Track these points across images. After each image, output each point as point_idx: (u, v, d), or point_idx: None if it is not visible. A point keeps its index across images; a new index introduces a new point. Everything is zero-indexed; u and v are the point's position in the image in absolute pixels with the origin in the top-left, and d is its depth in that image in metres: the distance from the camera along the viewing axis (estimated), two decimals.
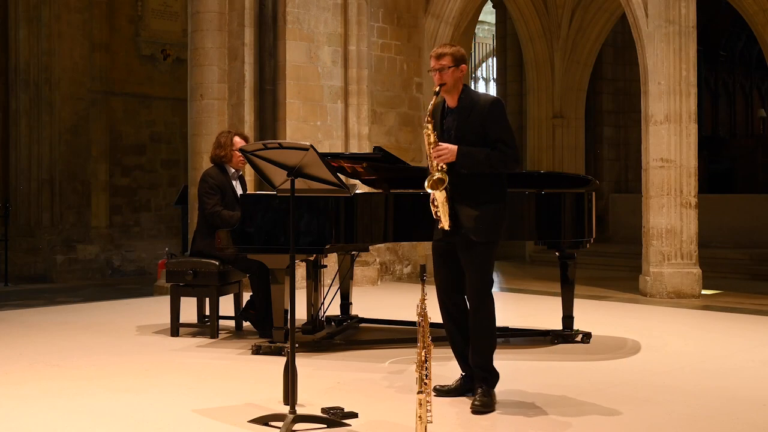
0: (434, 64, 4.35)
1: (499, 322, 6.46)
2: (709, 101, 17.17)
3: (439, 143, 4.24)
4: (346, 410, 3.96)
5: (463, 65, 4.37)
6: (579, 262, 6.29)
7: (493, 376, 4.33)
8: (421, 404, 3.52)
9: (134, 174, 14.35)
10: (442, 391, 4.39)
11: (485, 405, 4.16)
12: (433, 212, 4.30)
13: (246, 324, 6.42)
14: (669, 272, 8.42)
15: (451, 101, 4.38)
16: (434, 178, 4.17)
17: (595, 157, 14.67)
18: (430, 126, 4.26)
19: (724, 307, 7.92)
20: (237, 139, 6.24)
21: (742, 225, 11.90)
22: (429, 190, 4.22)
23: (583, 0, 13.27)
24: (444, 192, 4.21)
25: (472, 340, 4.36)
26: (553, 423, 3.95)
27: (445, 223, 4.26)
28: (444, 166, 4.21)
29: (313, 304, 6.07)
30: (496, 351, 5.54)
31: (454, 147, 4.23)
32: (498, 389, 4.43)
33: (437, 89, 4.32)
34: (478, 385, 4.26)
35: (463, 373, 4.45)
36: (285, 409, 3.88)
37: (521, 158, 4.28)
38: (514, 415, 4.08)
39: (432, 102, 4.30)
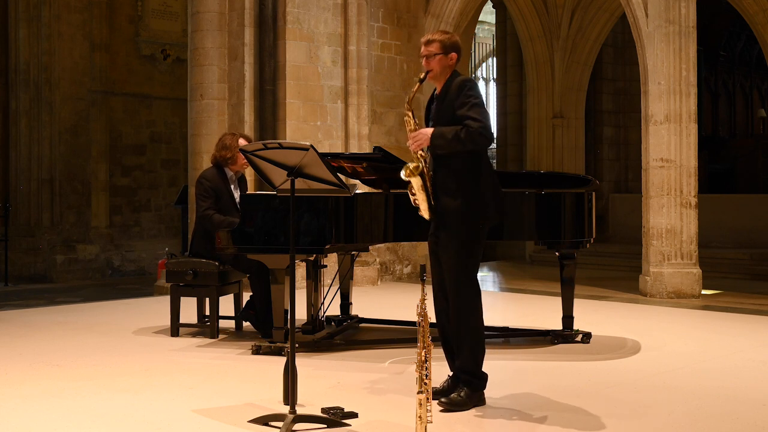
0: (423, 50, 4.28)
1: (499, 322, 6.53)
2: (709, 101, 17.15)
3: (417, 129, 4.19)
4: (346, 410, 3.96)
5: (453, 53, 4.25)
6: (579, 262, 6.29)
7: (478, 380, 4.19)
8: (421, 404, 3.52)
9: (134, 174, 14.37)
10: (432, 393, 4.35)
11: (453, 403, 4.08)
12: (412, 200, 4.22)
13: (246, 324, 6.41)
14: (669, 272, 8.42)
15: (438, 88, 4.31)
16: (409, 166, 4.11)
17: (595, 157, 14.67)
18: (409, 113, 4.20)
19: (724, 307, 7.92)
20: (243, 141, 6.14)
21: (742, 225, 11.89)
22: (404, 179, 4.13)
23: (583, 0, 13.27)
24: (419, 178, 4.12)
25: (454, 341, 4.24)
26: (554, 423, 3.94)
27: (424, 212, 4.20)
28: (422, 153, 4.16)
29: (313, 304, 6.07)
30: (497, 351, 5.57)
31: (429, 130, 4.16)
32: (498, 389, 4.43)
33: (422, 76, 4.25)
34: (459, 388, 4.16)
35: (451, 373, 4.37)
36: (285, 409, 3.88)
37: (492, 134, 4.14)
38: (513, 416, 4.08)
39: (414, 89, 4.21)
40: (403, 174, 4.12)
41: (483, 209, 4.22)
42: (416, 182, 4.15)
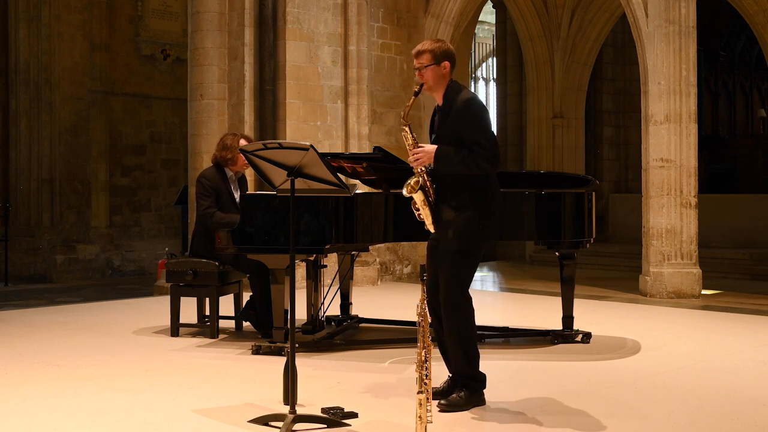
0: (414, 62, 4.22)
1: (499, 322, 6.54)
2: (709, 101, 17.15)
3: (418, 145, 4.16)
4: (346, 410, 3.96)
5: (446, 62, 4.18)
6: (579, 262, 6.29)
7: (475, 382, 4.20)
8: (421, 404, 3.52)
9: (134, 174, 14.37)
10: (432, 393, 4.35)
11: (452, 404, 4.09)
12: (417, 216, 4.22)
13: (246, 324, 6.41)
14: (669, 272, 8.42)
15: (439, 100, 4.26)
16: (410, 183, 4.11)
17: (595, 157, 14.67)
18: (407, 128, 4.16)
19: (724, 307, 7.92)
20: (243, 142, 6.10)
21: (742, 225, 11.89)
22: (406, 195, 4.13)
23: (583, 0, 13.27)
24: (421, 193, 4.12)
25: (447, 347, 4.24)
26: (553, 423, 3.94)
27: (429, 226, 4.19)
28: (423, 169, 4.14)
29: (313, 304, 6.07)
30: (497, 351, 5.58)
31: (432, 148, 4.12)
32: (498, 389, 4.44)
33: (417, 89, 4.20)
34: (458, 389, 4.18)
35: (450, 374, 4.36)
36: (285, 409, 3.88)
37: (500, 158, 4.18)
38: (514, 416, 4.08)
39: (409, 103, 4.18)
40: (405, 192, 4.13)
41: (485, 218, 4.17)
42: (418, 198, 4.15)
